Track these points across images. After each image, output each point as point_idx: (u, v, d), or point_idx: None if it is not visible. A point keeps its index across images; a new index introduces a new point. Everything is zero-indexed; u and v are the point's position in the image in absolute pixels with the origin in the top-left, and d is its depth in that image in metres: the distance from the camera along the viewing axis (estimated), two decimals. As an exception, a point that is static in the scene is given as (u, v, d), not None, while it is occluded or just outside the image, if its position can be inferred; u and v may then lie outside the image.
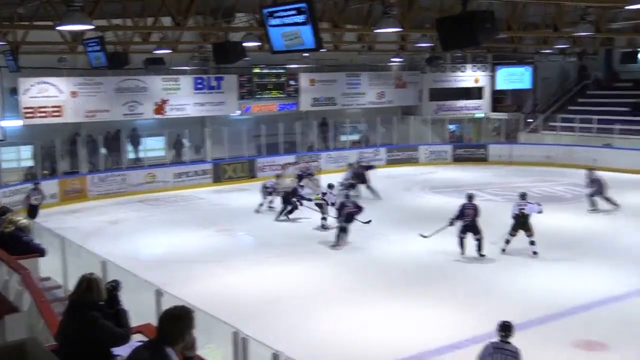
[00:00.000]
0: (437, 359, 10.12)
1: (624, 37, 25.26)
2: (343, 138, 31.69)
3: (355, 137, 32.85)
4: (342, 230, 16.47)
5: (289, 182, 21.68)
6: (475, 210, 15.19)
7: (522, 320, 10.91)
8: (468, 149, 31.77)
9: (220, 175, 26.74)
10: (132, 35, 20.89)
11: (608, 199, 19.52)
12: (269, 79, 29.91)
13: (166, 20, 16.97)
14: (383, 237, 17.20)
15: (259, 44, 19.14)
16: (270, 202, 20.81)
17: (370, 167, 24.00)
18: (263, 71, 29.59)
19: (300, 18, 9.26)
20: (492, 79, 34.98)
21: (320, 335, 10.93)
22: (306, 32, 9.36)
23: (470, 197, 15.55)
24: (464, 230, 15.20)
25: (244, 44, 16.51)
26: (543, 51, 30.11)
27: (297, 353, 6.47)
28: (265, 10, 9.87)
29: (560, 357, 10.00)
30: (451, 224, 15.35)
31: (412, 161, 31.10)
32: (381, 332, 11.01)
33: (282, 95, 30.18)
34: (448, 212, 19.32)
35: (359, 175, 22.95)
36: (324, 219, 18.35)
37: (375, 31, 16.44)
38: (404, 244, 16.47)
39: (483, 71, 34.81)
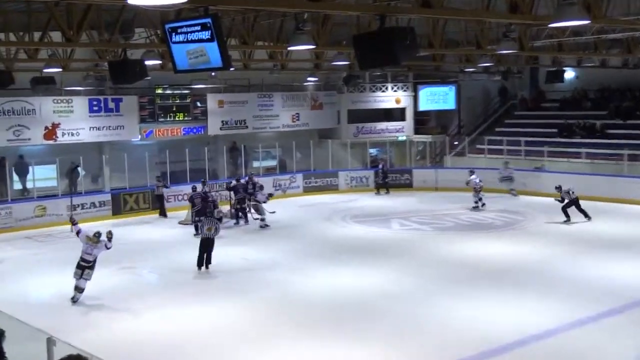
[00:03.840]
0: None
1: (548, 55, 26.19)
2: (256, 164, 31.37)
3: (270, 163, 32.74)
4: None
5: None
6: (202, 200, 21.79)
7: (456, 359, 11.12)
8: (391, 175, 31.89)
9: (120, 206, 26.23)
10: (16, 51, 20.39)
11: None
12: (173, 101, 29.57)
13: (56, 35, 16.64)
14: (302, 272, 17.21)
15: (161, 62, 19.00)
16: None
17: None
18: (166, 92, 29.30)
19: (205, 34, 9.20)
20: (415, 99, 35.60)
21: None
22: (212, 50, 9.30)
23: (194, 188, 23.08)
24: (197, 215, 21.20)
25: (145, 62, 16.37)
26: (466, 70, 30.88)
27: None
28: (168, 26, 9.80)
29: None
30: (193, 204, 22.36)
31: (332, 188, 31.26)
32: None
33: (187, 119, 29.90)
34: (372, 242, 19.60)
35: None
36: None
37: (288, 48, 16.59)
38: (324, 279, 16.51)
39: (404, 91, 35.41)
